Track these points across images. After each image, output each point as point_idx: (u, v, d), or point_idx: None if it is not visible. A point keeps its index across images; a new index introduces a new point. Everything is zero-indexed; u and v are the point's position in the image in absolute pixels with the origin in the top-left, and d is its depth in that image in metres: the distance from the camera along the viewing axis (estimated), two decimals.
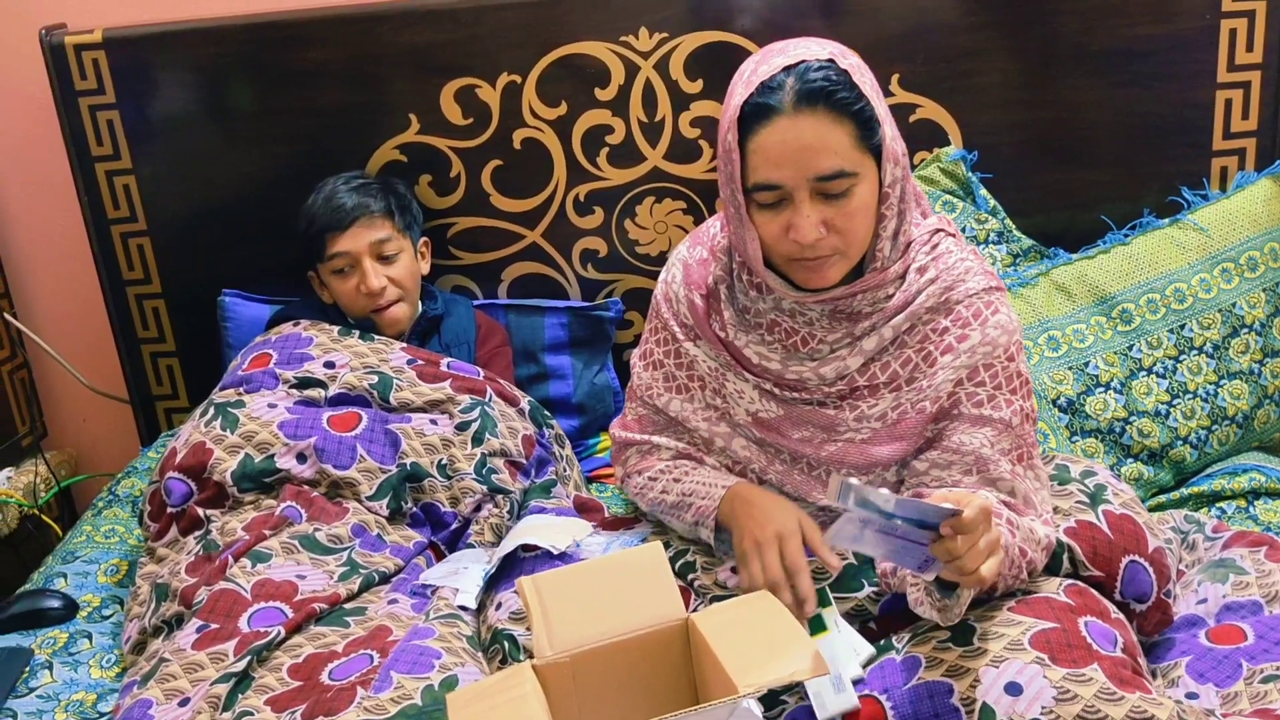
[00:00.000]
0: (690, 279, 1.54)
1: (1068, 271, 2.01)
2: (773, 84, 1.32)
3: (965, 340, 1.41)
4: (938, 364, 1.42)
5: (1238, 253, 1.97)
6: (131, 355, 2.33)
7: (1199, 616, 1.46)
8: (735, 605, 1.29)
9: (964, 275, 1.44)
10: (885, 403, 1.43)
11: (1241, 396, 1.93)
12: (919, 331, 1.43)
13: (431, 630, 1.46)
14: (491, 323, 2.15)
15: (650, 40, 2.08)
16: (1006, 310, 1.44)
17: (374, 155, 2.17)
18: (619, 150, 2.15)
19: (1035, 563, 1.35)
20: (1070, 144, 2.11)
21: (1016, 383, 1.42)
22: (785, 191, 1.33)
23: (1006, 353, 1.42)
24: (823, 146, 1.31)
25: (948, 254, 1.45)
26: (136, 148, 2.19)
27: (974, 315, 1.42)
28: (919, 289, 1.43)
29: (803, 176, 1.32)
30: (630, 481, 1.62)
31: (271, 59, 2.14)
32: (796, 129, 1.31)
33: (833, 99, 1.31)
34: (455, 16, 2.09)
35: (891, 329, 1.43)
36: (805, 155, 1.31)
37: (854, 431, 1.45)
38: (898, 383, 1.43)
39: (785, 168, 1.32)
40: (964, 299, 1.43)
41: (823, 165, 1.31)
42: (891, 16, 2.05)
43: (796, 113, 1.31)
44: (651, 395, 1.58)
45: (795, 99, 1.31)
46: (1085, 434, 1.90)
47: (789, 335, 1.46)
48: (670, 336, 1.56)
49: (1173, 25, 2.03)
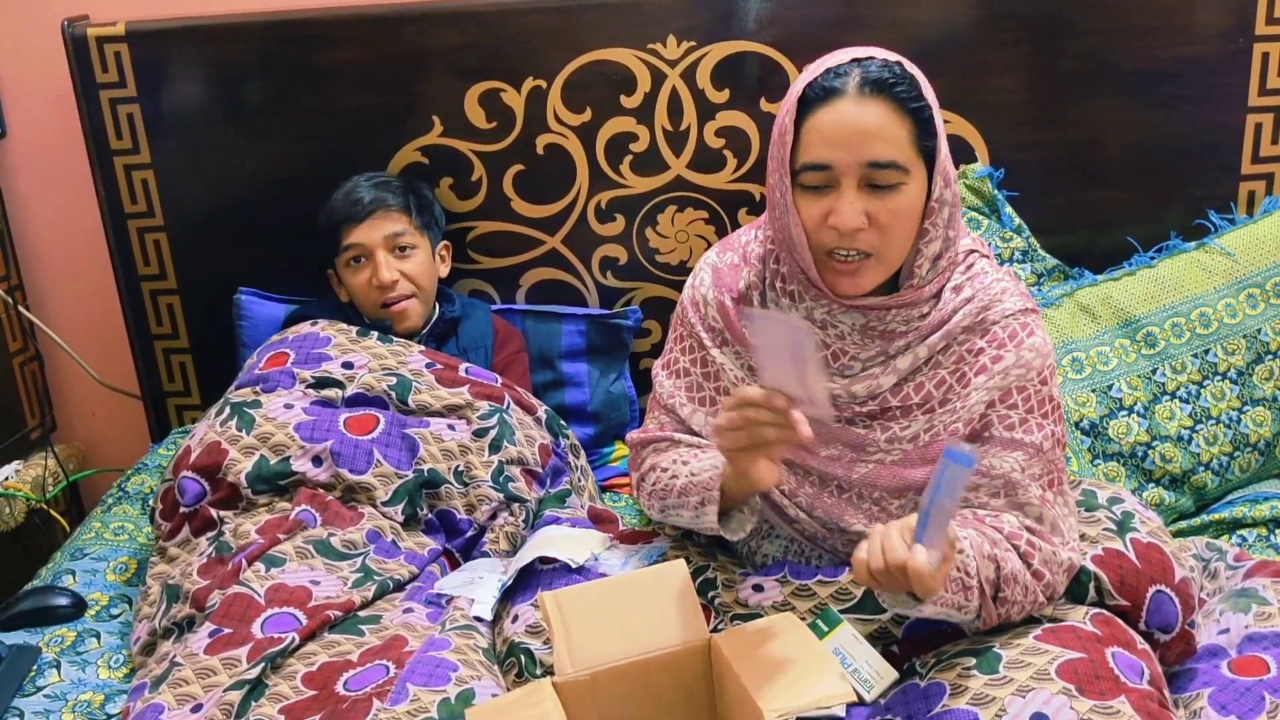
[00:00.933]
0: (721, 282, 1.52)
1: (1093, 293, 1.99)
2: (839, 70, 1.33)
3: (1000, 361, 1.40)
4: (971, 384, 1.40)
5: (1264, 278, 1.96)
6: (144, 350, 2.31)
7: (1221, 647, 1.44)
8: (759, 627, 1.28)
9: (1000, 295, 1.42)
10: (918, 424, 1.41)
11: (1264, 424, 1.92)
12: (954, 351, 1.42)
13: (448, 641, 1.44)
14: (509, 328, 2.14)
15: (678, 49, 2.06)
16: (1041, 333, 1.43)
17: (395, 156, 2.16)
18: (642, 158, 2.13)
19: (1055, 586, 1.34)
20: (1097, 164, 2.10)
21: (1049, 407, 1.41)
22: (833, 175, 1.32)
23: (1040, 376, 1.40)
24: (880, 134, 1.31)
25: (983, 274, 1.44)
26: (156, 142, 2.18)
27: (1010, 336, 1.41)
28: (955, 308, 1.41)
29: (855, 160, 1.31)
30: (644, 484, 1.54)
31: (295, 57, 2.13)
32: (858, 111, 1.31)
33: (895, 91, 1.31)
34: (481, 19, 2.08)
35: (927, 348, 1.41)
36: (862, 139, 1.31)
37: (884, 453, 1.43)
38: (931, 404, 1.42)
39: (839, 148, 1.31)
40: (1000, 319, 1.41)
41: (878, 152, 1.31)
42: (920, 31, 2.04)
43: (860, 97, 1.31)
44: (675, 404, 1.54)
45: (860, 84, 1.31)
46: (1108, 457, 1.89)
47: (820, 348, 1.44)
48: (697, 344, 1.53)
49: (1204, 48, 2.02)
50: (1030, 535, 1.34)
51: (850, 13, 2.05)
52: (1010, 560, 1.30)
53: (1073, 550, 1.37)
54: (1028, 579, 1.30)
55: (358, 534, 1.67)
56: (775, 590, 1.43)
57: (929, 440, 1.42)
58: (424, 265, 2.01)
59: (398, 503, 1.73)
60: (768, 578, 1.45)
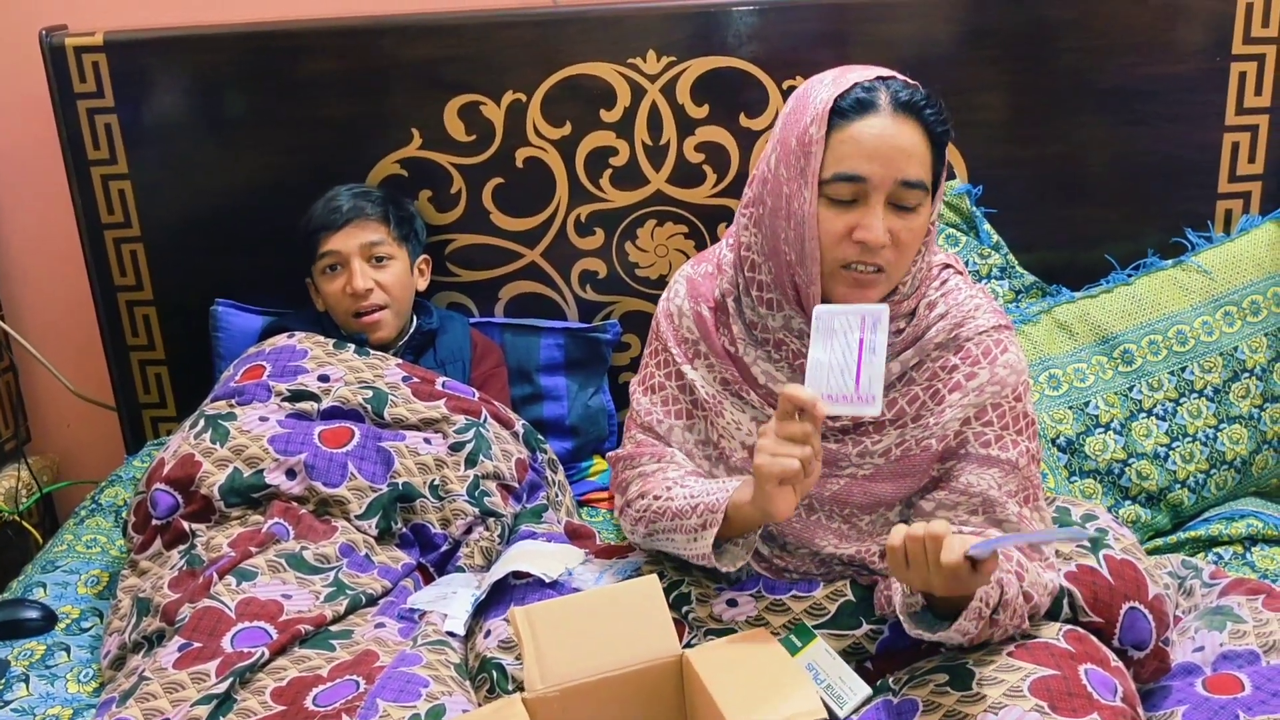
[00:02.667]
0: (696, 292, 1.51)
1: (1070, 310, 2.00)
2: (869, 86, 1.33)
3: (974, 379, 1.40)
4: (945, 401, 1.40)
5: (1240, 296, 1.96)
6: (120, 362, 2.29)
7: (1195, 665, 1.44)
8: (731, 642, 1.27)
9: (973, 312, 1.42)
10: (889, 439, 1.41)
11: (1241, 441, 1.92)
12: (928, 368, 1.42)
13: (419, 657, 1.43)
14: (488, 342, 2.13)
15: (658, 63, 2.06)
16: (1015, 350, 1.43)
17: (374, 168, 2.15)
18: (622, 172, 2.13)
19: (1039, 607, 1.34)
20: (1075, 181, 2.11)
21: (1023, 423, 1.41)
22: (864, 188, 1.32)
23: (1015, 393, 1.40)
24: (914, 153, 1.32)
25: (957, 290, 1.44)
26: (133, 153, 2.17)
27: (983, 353, 1.41)
28: (928, 324, 1.41)
29: (890, 176, 1.32)
30: (630, 509, 1.49)
31: (273, 68, 2.12)
32: (895, 129, 1.32)
33: (924, 114, 1.33)
34: (461, 32, 2.08)
35: (900, 363, 1.41)
36: (899, 156, 1.31)
37: (856, 467, 1.42)
38: (904, 420, 1.41)
39: (876, 162, 1.31)
40: (973, 336, 1.41)
41: (911, 171, 1.32)
42: (900, 48, 2.05)
43: (896, 115, 1.32)
44: (652, 421, 1.52)
45: (894, 103, 1.32)
46: (1084, 474, 1.89)
47: (796, 356, 1.43)
48: (669, 359, 1.52)
49: (1182, 66, 2.03)
50: (1020, 555, 1.33)
51: (831, 29, 2.06)
52: (1012, 584, 1.29)
53: (1052, 570, 1.37)
54: (1019, 602, 1.30)
55: (330, 548, 1.66)
56: (749, 605, 1.42)
57: (900, 455, 1.41)
58: (400, 276, 2.00)
59: (371, 516, 1.72)
60: (742, 593, 1.44)
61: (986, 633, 1.29)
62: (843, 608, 1.39)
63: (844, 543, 1.43)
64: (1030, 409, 1.42)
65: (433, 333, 2.06)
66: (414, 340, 2.05)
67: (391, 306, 1.99)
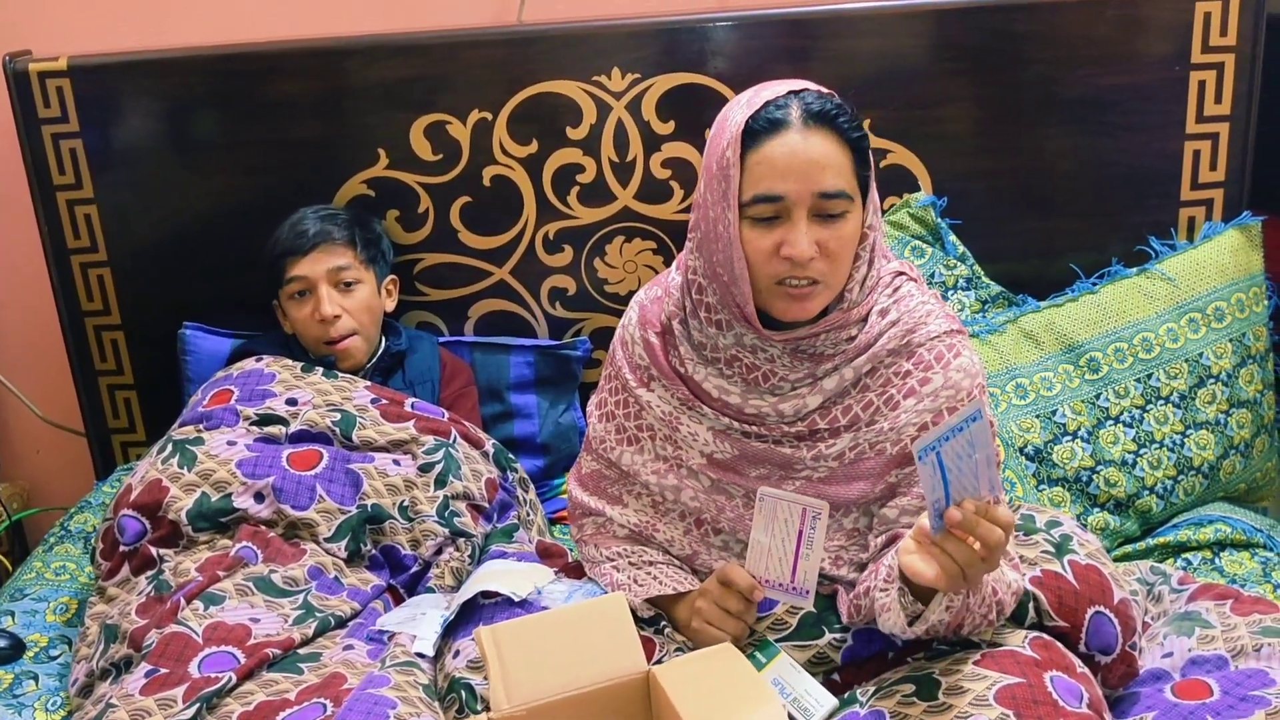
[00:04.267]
0: (645, 319, 1.54)
1: (1036, 319, 2.01)
2: (779, 104, 1.34)
3: (928, 384, 1.41)
4: (900, 407, 1.41)
5: (1205, 303, 1.98)
6: (89, 387, 2.28)
7: (1164, 670, 1.44)
8: (697, 658, 1.27)
9: (925, 318, 1.43)
10: (843, 442, 1.42)
11: (1208, 447, 1.93)
12: (881, 375, 1.43)
13: (387, 679, 1.42)
14: (457, 361, 2.13)
15: (623, 81, 2.07)
16: (969, 353, 1.43)
17: (341, 189, 2.15)
18: (590, 189, 2.14)
19: (1004, 605, 1.34)
20: (1039, 192, 2.12)
21: None
22: (784, 205, 1.33)
23: (970, 396, 1.41)
24: (829, 164, 1.33)
25: (909, 297, 1.45)
26: (99, 177, 2.16)
27: (936, 358, 1.41)
28: (880, 331, 1.42)
29: (807, 190, 1.33)
30: (585, 549, 1.62)
31: (239, 90, 2.12)
32: (806, 143, 1.33)
33: (837, 123, 1.34)
34: (427, 52, 2.08)
35: (853, 370, 1.42)
36: (813, 169, 1.32)
37: (811, 470, 1.43)
38: (858, 424, 1.42)
39: (791, 179, 1.32)
40: (925, 342, 1.42)
41: (828, 182, 1.33)
42: (864, 62, 2.06)
43: (806, 128, 1.33)
44: (605, 448, 1.57)
45: (804, 116, 1.33)
46: (1052, 483, 1.89)
47: (750, 370, 1.44)
48: (622, 385, 1.55)
49: (1142, 76, 2.05)
50: None
51: (794, 44, 2.07)
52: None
53: (1017, 570, 1.38)
54: (988, 591, 1.30)
55: (299, 570, 1.65)
56: None
57: (854, 458, 1.42)
58: (367, 300, 2.00)
59: (340, 539, 1.71)
60: None
61: (959, 619, 1.29)
62: (803, 619, 1.40)
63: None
64: (988, 412, 1.42)
65: (401, 354, 2.06)
66: (383, 362, 2.04)
67: (360, 332, 1.99)
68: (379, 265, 2.04)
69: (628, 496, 1.56)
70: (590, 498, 1.60)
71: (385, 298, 2.07)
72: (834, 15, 2.06)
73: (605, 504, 1.57)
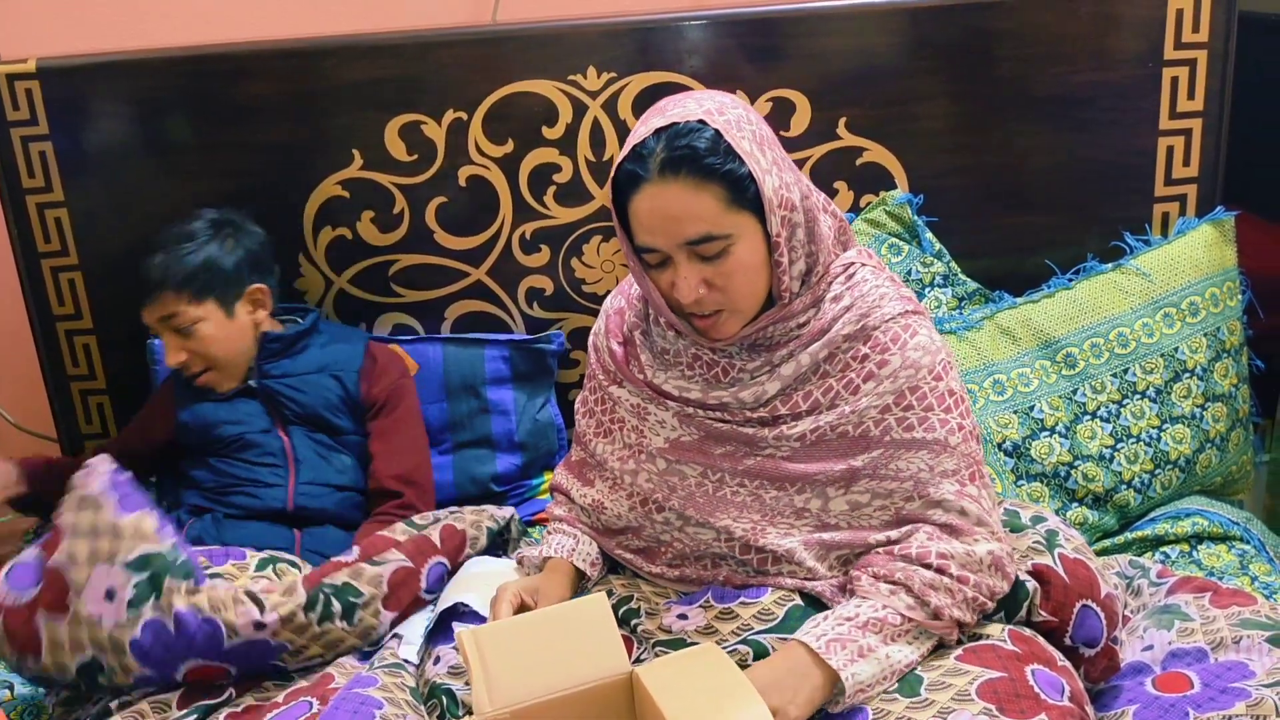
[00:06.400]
0: (609, 329, 1.58)
1: (1012, 315, 2.01)
2: (643, 150, 1.34)
3: (885, 365, 1.41)
4: (860, 391, 1.41)
5: (1179, 298, 1.99)
6: (60, 393, 2.25)
7: (1145, 664, 1.45)
8: (680, 658, 1.26)
9: (879, 301, 1.43)
10: (804, 424, 1.42)
11: (1184, 441, 1.94)
12: (839, 360, 1.43)
13: (374, 679, 1.41)
14: (391, 356, 2.07)
15: (599, 80, 2.07)
16: (927, 331, 1.44)
17: (315, 190, 2.13)
18: (566, 189, 2.13)
19: (988, 585, 1.35)
20: (1015, 189, 2.13)
21: (949, 401, 1.41)
22: (664, 254, 1.36)
23: (933, 373, 1.41)
24: (687, 213, 1.32)
25: (863, 282, 1.45)
26: (69, 180, 2.14)
27: (892, 340, 1.42)
28: (834, 316, 1.42)
29: (673, 242, 1.34)
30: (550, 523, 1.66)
31: (211, 92, 2.10)
32: (663, 196, 1.32)
33: (697, 164, 1.31)
34: (400, 52, 2.07)
35: (809, 356, 1.42)
36: (671, 224, 1.33)
37: (774, 449, 1.44)
38: (819, 408, 1.43)
39: (657, 234, 1.35)
40: (880, 324, 1.42)
41: (688, 231, 1.33)
42: (839, 60, 2.06)
43: (662, 180, 1.32)
44: (586, 440, 1.60)
45: (660, 166, 1.32)
46: (1031, 478, 1.90)
47: (710, 368, 1.47)
48: (599, 384, 1.59)
49: (1115, 73, 2.05)
50: (940, 546, 1.35)
51: (768, 43, 2.06)
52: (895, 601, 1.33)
53: (995, 540, 1.37)
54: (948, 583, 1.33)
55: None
56: (699, 615, 1.42)
57: (814, 440, 1.42)
58: (212, 334, 1.91)
59: None
60: (691, 605, 1.44)
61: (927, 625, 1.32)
62: (790, 612, 1.39)
63: (743, 514, 1.44)
64: (956, 386, 1.43)
65: (298, 336, 1.98)
66: (263, 373, 1.97)
67: (215, 365, 1.94)
68: (220, 290, 1.93)
69: (597, 480, 1.58)
70: (566, 479, 1.64)
71: (248, 314, 1.96)
72: (809, 14, 2.05)
73: (576, 484, 1.61)
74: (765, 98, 2.07)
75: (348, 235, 2.16)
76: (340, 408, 1.97)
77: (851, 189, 2.12)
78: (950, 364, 1.44)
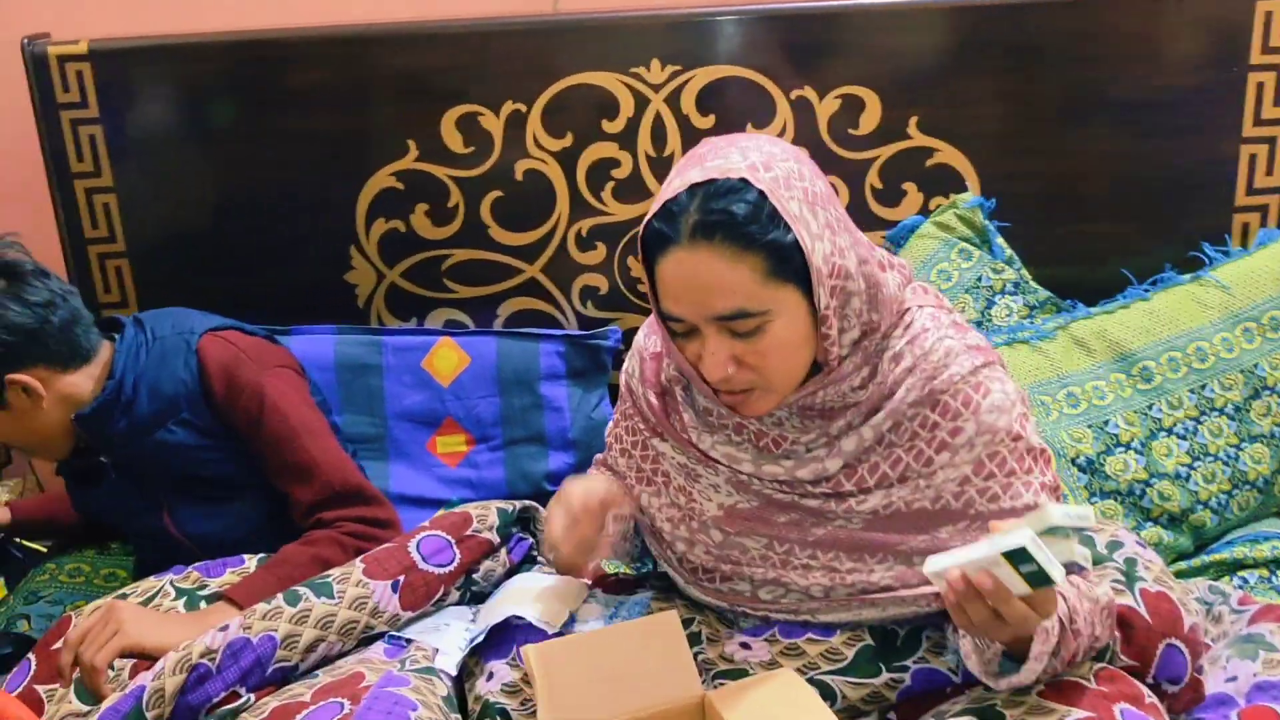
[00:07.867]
0: (645, 375, 1.43)
1: (1087, 326, 1.95)
2: (675, 206, 1.20)
3: (959, 433, 1.28)
4: (935, 463, 1.29)
5: (1260, 312, 1.92)
6: None
7: (1229, 695, 1.39)
8: (756, 683, 1.21)
9: (945, 360, 1.29)
10: (875, 500, 1.31)
11: (1262, 460, 1.87)
12: (906, 429, 1.29)
13: (406, 679, 1.36)
14: (225, 346, 1.74)
15: (662, 73, 2.01)
16: (1000, 386, 1.29)
17: (369, 182, 2.09)
18: (625, 185, 2.07)
19: (1103, 627, 1.27)
20: (1090, 194, 2.07)
21: (1029, 460, 1.30)
22: (691, 324, 1.23)
23: (1010, 434, 1.29)
24: (719, 285, 1.19)
25: (924, 333, 1.30)
26: (118, 165, 2.10)
27: (964, 404, 1.28)
28: (896, 380, 1.29)
29: (701, 315, 1.21)
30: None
31: (263, 78, 2.06)
32: (692, 263, 1.19)
33: (734, 232, 1.17)
34: (459, 41, 2.02)
35: (872, 429, 1.30)
36: (700, 294, 1.20)
37: (845, 520, 1.33)
38: (888, 482, 1.31)
39: (684, 303, 1.21)
40: (948, 388, 1.28)
41: (718, 306, 1.20)
42: (911, 58, 2.01)
43: (692, 245, 1.18)
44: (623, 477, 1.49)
45: (691, 230, 1.18)
46: (1105, 495, 1.84)
47: (759, 436, 1.34)
48: (637, 427, 1.47)
49: (1198, 78, 1.99)
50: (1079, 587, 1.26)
51: (838, 38, 2.01)
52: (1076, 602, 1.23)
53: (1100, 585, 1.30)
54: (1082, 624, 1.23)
55: None
56: (764, 649, 1.35)
57: (887, 515, 1.31)
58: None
59: None
60: (756, 637, 1.37)
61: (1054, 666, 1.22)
62: (860, 653, 1.32)
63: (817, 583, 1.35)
64: (1035, 440, 1.31)
65: (110, 429, 1.69)
66: (79, 445, 1.73)
67: (29, 452, 1.81)
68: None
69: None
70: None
71: (28, 399, 1.64)
72: (880, 9, 2.00)
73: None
74: (834, 94, 2.01)
75: (401, 228, 2.11)
76: (208, 456, 1.70)
77: (921, 190, 2.06)
78: (1027, 415, 1.31)
